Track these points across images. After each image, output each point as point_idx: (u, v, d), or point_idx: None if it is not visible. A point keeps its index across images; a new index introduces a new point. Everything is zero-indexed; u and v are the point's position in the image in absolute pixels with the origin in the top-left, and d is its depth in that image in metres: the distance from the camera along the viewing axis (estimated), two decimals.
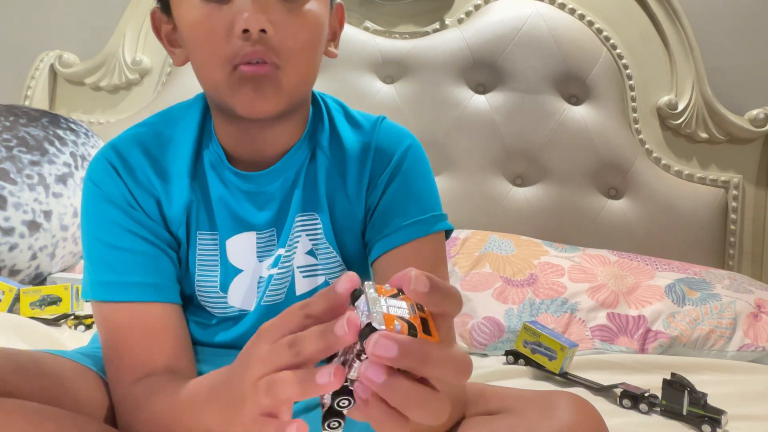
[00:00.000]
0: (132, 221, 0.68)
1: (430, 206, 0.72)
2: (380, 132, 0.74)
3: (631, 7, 1.73)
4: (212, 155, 0.71)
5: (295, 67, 0.63)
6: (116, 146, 0.71)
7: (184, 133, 0.72)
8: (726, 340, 1.25)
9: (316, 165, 0.73)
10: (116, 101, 1.92)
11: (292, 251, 0.71)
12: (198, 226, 0.71)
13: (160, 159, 0.71)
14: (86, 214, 0.70)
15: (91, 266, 0.69)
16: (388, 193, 0.72)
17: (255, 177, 0.71)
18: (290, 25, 0.62)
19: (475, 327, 1.27)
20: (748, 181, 1.71)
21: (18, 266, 1.41)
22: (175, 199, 0.70)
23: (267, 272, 0.71)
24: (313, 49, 0.66)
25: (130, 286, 0.66)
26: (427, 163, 0.75)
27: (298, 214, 0.72)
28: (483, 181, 1.73)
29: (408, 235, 0.70)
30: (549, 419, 0.57)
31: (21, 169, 1.44)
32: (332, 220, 0.72)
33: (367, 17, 1.80)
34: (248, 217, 0.71)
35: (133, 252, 0.68)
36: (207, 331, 0.73)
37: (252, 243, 0.71)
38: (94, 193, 0.69)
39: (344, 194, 0.73)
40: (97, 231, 0.68)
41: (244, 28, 0.60)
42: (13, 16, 2.04)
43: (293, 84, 0.64)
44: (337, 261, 0.73)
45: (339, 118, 0.75)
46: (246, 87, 0.62)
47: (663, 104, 1.70)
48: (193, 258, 0.71)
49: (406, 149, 0.73)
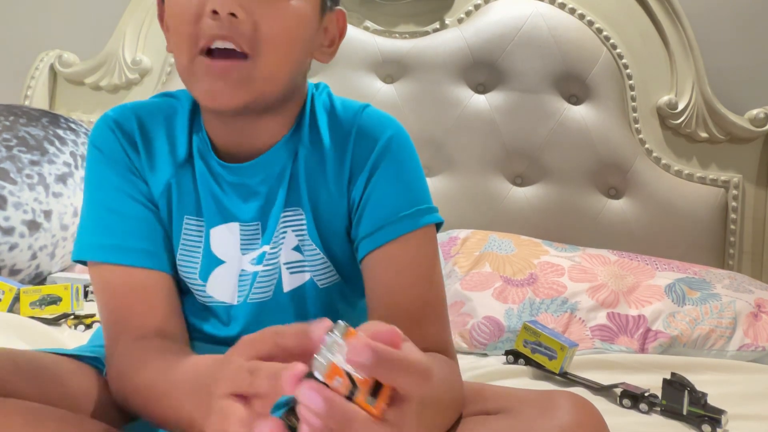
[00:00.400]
0: (132, 186, 0.69)
1: (418, 199, 0.69)
2: (362, 120, 0.70)
3: (631, 7, 1.73)
4: (201, 143, 0.71)
5: (267, 59, 0.61)
6: (114, 115, 0.71)
7: (180, 117, 0.72)
8: (726, 339, 1.25)
9: (298, 159, 0.71)
10: (116, 101, 1.92)
11: (278, 248, 0.70)
12: (185, 210, 0.71)
13: (150, 133, 0.71)
14: (89, 177, 0.70)
15: (90, 228, 0.69)
16: (371, 186, 0.68)
17: (237, 168, 0.69)
18: (264, 12, 0.60)
19: (475, 327, 1.27)
20: (748, 181, 1.71)
21: (18, 266, 1.41)
22: (157, 176, 0.70)
23: (251, 267, 0.71)
24: (289, 42, 0.62)
25: (128, 250, 0.67)
26: (414, 153, 0.71)
27: (283, 210, 0.70)
28: (483, 180, 1.73)
29: (395, 231, 0.66)
30: (549, 419, 0.57)
31: (21, 168, 1.44)
32: (315, 217, 0.70)
33: (367, 17, 1.80)
34: (233, 208, 0.70)
35: (131, 217, 0.68)
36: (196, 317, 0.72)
37: (236, 235, 0.70)
38: (97, 158, 0.70)
39: (326, 189, 0.70)
40: (99, 194, 0.69)
41: (213, 8, 0.59)
42: (13, 16, 2.04)
43: (264, 76, 0.62)
44: (321, 259, 0.71)
45: (320, 109, 0.73)
46: (207, 77, 0.61)
47: (663, 104, 1.70)
48: (177, 241, 0.71)
49: (390, 138, 0.69)
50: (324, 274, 0.71)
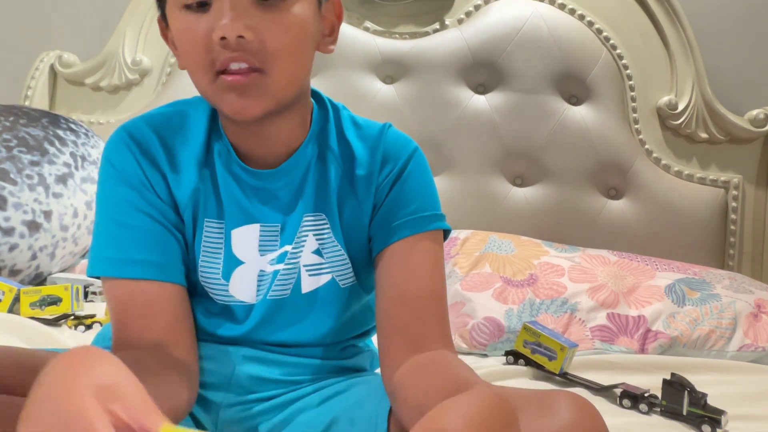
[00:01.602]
0: (144, 201, 0.70)
1: (429, 207, 0.75)
2: (387, 138, 0.77)
3: (631, 7, 1.73)
4: (221, 148, 0.74)
5: (279, 70, 0.65)
6: (130, 127, 0.73)
7: (195, 124, 0.74)
8: (726, 340, 1.25)
9: (327, 168, 0.75)
10: (116, 101, 1.92)
11: (300, 249, 0.74)
12: (206, 213, 0.73)
13: (170, 143, 0.73)
14: (101, 192, 0.72)
15: (100, 242, 0.71)
16: (390, 195, 0.75)
17: (261, 174, 0.73)
18: (269, 29, 0.63)
19: (475, 327, 1.27)
20: (748, 181, 1.71)
21: (18, 266, 1.41)
22: (183, 184, 0.72)
23: (270, 267, 0.73)
24: (297, 50, 0.67)
25: (131, 263, 0.68)
26: (428, 168, 0.79)
27: (306, 213, 0.74)
28: (483, 181, 1.73)
29: (406, 230, 0.72)
30: (548, 418, 0.57)
31: (21, 169, 1.44)
32: (341, 222, 0.75)
33: (367, 17, 1.80)
34: (254, 210, 0.73)
35: (140, 230, 0.70)
36: (211, 321, 0.74)
37: (255, 236, 0.73)
38: (110, 173, 0.71)
39: (354, 197, 0.75)
40: (110, 209, 0.71)
41: (221, 35, 0.62)
42: (13, 16, 2.04)
43: (280, 87, 0.66)
44: (344, 259, 0.75)
45: (347, 124, 0.78)
46: (230, 93, 0.64)
47: (663, 104, 1.70)
48: (199, 244, 0.73)
49: (410, 154, 0.76)
50: (345, 274, 0.75)
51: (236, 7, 0.62)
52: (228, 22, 0.61)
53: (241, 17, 0.62)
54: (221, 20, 0.61)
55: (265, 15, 0.63)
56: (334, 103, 0.80)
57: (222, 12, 0.62)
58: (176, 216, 0.73)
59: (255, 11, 0.63)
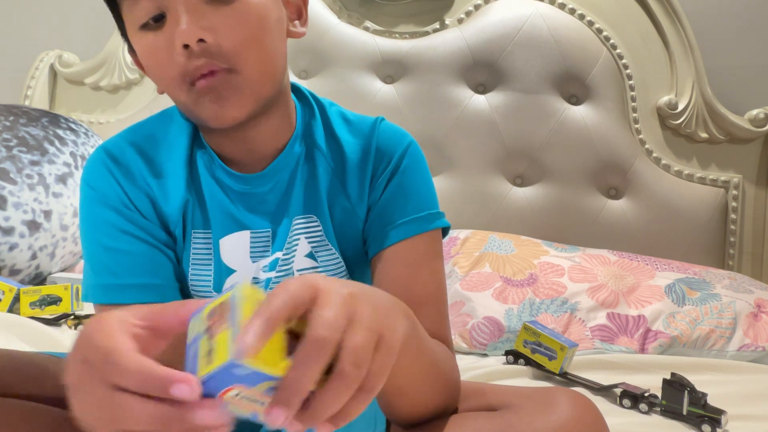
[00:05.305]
0: (128, 222, 0.68)
1: (428, 204, 0.73)
2: (380, 133, 0.74)
3: (631, 7, 1.73)
4: (205, 156, 0.72)
5: (249, 66, 0.63)
6: (108, 148, 0.71)
7: (177, 134, 0.72)
8: (726, 340, 1.25)
9: (316, 167, 0.73)
10: (116, 101, 1.92)
11: (291, 254, 0.71)
12: (193, 224, 0.71)
13: (154, 158, 0.71)
14: (83, 217, 0.70)
15: (91, 268, 0.69)
16: (386, 192, 0.72)
17: (246, 178, 0.71)
18: (227, 26, 0.61)
19: (475, 327, 1.27)
20: (748, 181, 1.71)
21: (18, 266, 1.41)
22: (171, 198, 0.70)
23: (263, 275, 0.71)
24: (261, 41, 0.64)
25: (128, 288, 0.67)
26: (425, 163, 0.76)
27: (296, 216, 0.72)
28: (483, 181, 1.73)
29: (404, 232, 0.70)
30: (548, 415, 0.57)
31: (21, 168, 1.44)
32: (333, 223, 0.72)
33: (367, 17, 1.80)
34: (242, 216, 0.71)
35: (130, 253, 0.68)
36: None
37: (246, 243, 0.71)
38: (90, 196, 0.69)
39: (345, 197, 0.73)
40: (95, 233, 0.69)
41: (182, 43, 0.60)
42: (13, 16, 2.04)
43: (253, 82, 0.63)
44: (338, 261, 0.73)
45: (336, 120, 0.75)
46: (206, 100, 0.62)
47: (663, 104, 1.70)
48: (188, 257, 0.71)
49: (405, 149, 0.74)
50: (340, 276, 0.73)
51: (190, 11, 0.60)
52: (185, 27, 0.59)
53: (196, 20, 0.60)
54: (178, 28, 0.60)
55: (220, 12, 0.61)
56: (318, 99, 0.77)
57: (177, 20, 0.60)
58: (165, 233, 0.71)
59: (209, 10, 0.61)
